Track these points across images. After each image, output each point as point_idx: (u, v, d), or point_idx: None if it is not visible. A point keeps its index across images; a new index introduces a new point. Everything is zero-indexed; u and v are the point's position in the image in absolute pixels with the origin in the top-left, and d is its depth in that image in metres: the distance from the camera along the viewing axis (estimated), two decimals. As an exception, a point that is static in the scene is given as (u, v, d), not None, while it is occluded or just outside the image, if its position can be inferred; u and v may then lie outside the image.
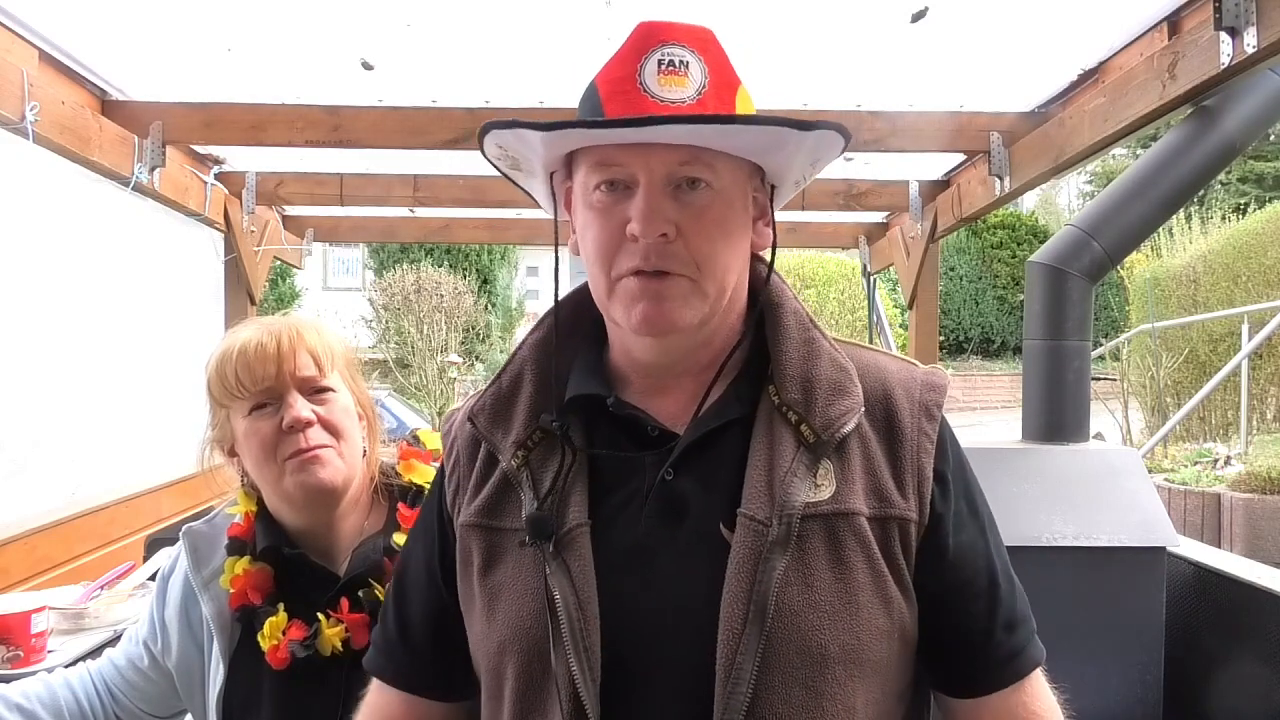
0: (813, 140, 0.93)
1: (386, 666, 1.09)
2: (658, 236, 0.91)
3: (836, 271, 11.91)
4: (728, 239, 0.95)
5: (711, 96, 0.92)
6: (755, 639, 0.86)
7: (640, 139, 0.91)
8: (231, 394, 1.34)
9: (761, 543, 0.89)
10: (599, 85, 0.95)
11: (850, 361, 0.99)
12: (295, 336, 1.35)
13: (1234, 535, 5.45)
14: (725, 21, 0.94)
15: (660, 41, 0.92)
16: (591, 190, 0.95)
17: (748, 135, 0.93)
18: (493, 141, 0.96)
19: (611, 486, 0.97)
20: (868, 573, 0.91)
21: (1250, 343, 7.46)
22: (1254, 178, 20.38)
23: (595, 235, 0.95)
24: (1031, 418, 2.87)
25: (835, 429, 0.93)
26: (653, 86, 0.91)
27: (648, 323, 0.93)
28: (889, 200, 4.30)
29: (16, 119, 2.36)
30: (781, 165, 0.99)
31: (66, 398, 4.11)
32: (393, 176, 4.12)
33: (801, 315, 1.02)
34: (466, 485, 1.04)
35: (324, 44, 2.67)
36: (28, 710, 1.39)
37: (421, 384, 13.35)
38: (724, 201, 0.94)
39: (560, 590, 0.91)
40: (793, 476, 0.91)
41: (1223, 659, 2.27)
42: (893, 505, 0.93)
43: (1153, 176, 2.76)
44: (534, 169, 1.01)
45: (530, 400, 1.02)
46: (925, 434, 0.97)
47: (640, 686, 0.90)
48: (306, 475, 1.33)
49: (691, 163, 0.92)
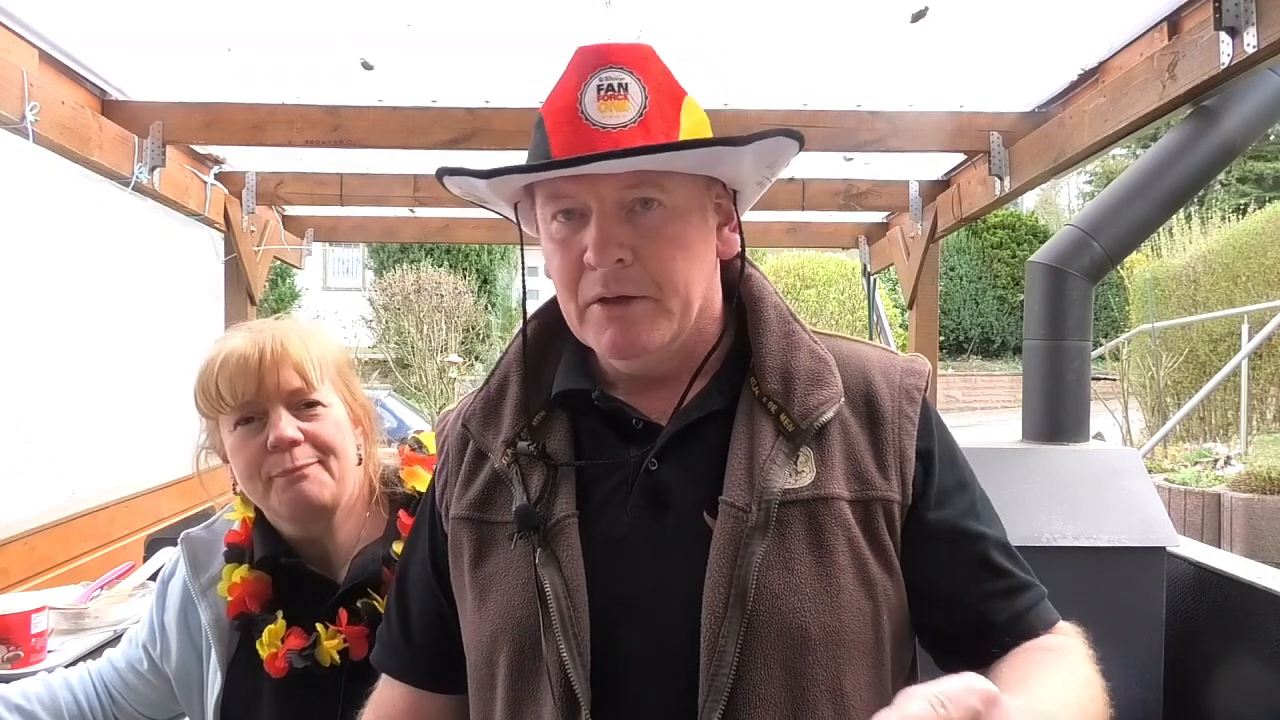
0: (754, 152, 0.94)
1: (391, 661, 1.12)
2: (613, 263, 0.93)
3: (836, 271, 11.92)
4: (687, 254, 0.97)
5: (654, 115, 0.93)
6: (737, 621, 0.89)
7: (582, 173, 0.93)
8: (215, 407, 1.32)
9: (742, 528, 0.91)
10: (545, 116, 0.96)
11: (830, 353, 1.02)
12: (279, 350, 1.30)
13: (1234, 535, 5.45)
14: (725, 21, 0.94)
15: (597, 67, 0.93)
16: (550, 220, 0.98)
17: (688, 155, 0.93)
18: (451, 185, 0.99)
19: (598, 478, 1.00)
20: (849, 556, 0.93)
21: (1250, 343, 7.46)
22: (1254, 178, 20.39)
23: (558, 266, 0.98)
24: (1031, 418, 2.87)
25: (814, 417, 0.96)
26: (593, 114, 0.92)
27: (616, 348, 0.97)
28: (889, 200, 4.29)
29: (16, 119, 2.35)
30: (732, 175, 1.00)
31: (66, 397, 4.12)
32: (393, 176, 4.11)
33: (782, 309, 1.05)
34: (455, 481, 1.07)
35: (324, 44, 2.66)
36: (27, 711, 1.39)
37: (421, 384, 13.36)
38: (679, 217, 0.96)
39: (550, 580, 0.93)
40: (772, 464, 0.93)
41: (1223, 659, 2.26)
42: (874, 488, 0.96)
43: (1153, 176, 2.77)
44: (497, 203, 1.04)
45: (517, 401, 1.05)
46: (906, 416, 0.99)
47: (628, 670, 0.92)
48: (293, 494, 1.30)
49: (640, 185, 0.93)
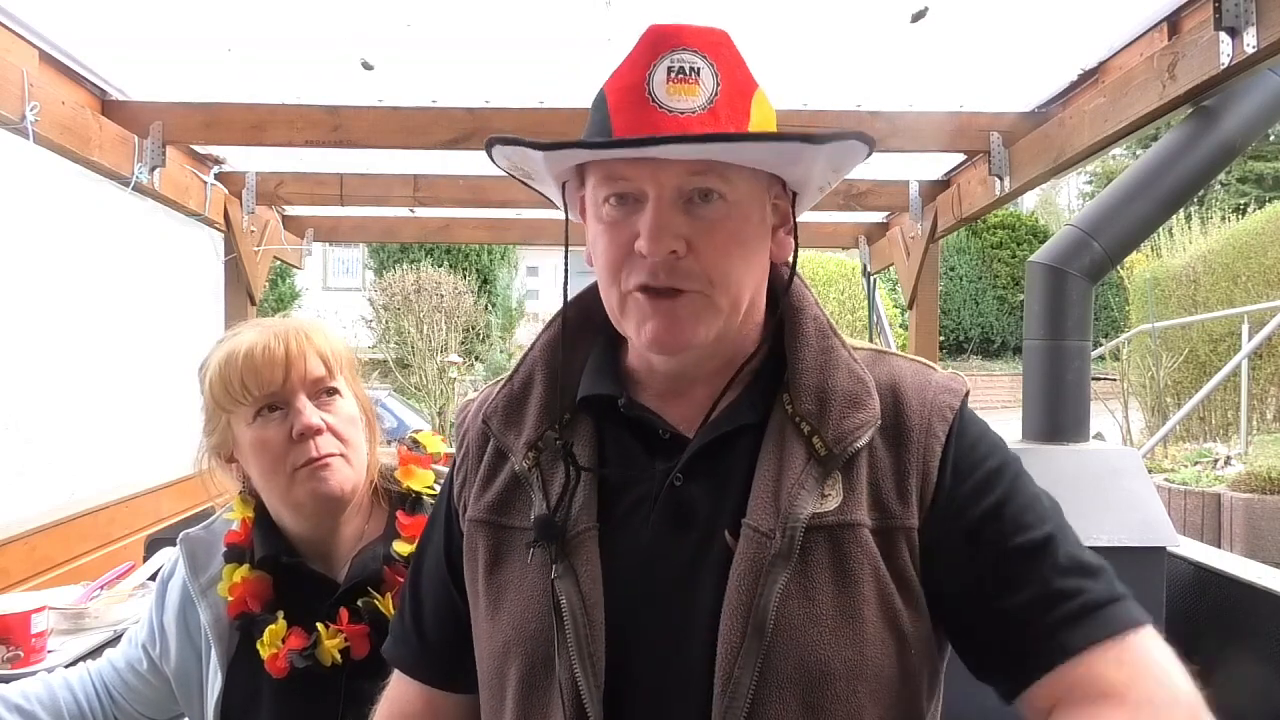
0: (828, 152, 0.90)
1: (403, 657, 1.10)
2: (667, 254, 0.88)
3: (836, 271, 11.90)
4: (743, 252, 0.92)
5: (724, 104, 0.88)
6: (754, 653, 0.84)
7: (647, 155, 0.87)
8: (236, 399, 1.32)
9: (764, 555, 0.87)
10: (607, 94, 0.91)
11: (868, 372, 0.95)
12: (304, 339, 1.34)
13: (1234, 535, 5.45)
14: (725, 21, 0.93)
15: (671, 47, 0.88)
16: (601, 203, 0.93)
17: (760, 149, 0.89)
18: (500, 155, 0.94)
19: (621, 489, 0.95)
20: (874, 586, 0.88)
21: (1250, 343, 7.46)
22: (1254, 178, 20.39)
23: (605, 249, 0.93)
24: (1031, 418, 2.87)
25: (848, 443, 0.90)
26: (661, 96, 0.87)
27: (658, 342, 0.91)
28: (889, 200, 4.29)
29: (16, 119, 2.35)
30: (800, 176, 0.95)
31: (66, 398, 4.11)
32: (393, 176, 4.11)
33: (822, 322, 0.99)
34: (474, 479, 1.03)
35: (324, 44, 2.66)
36: (27, 711, 1.39)
37: (421, 384, 13.35)
38: (739, 214, 0.91)
39: (566, 594, 0.89)
40: (800, 489, 0.88)
41: (1223, 659, 2.26)
42: (893, 517, 0.90)
43: (1153, 176, 2.76)
44: (545, 179, 0.99)
45: (541, 402, 1.00)
46: (934, 435, 0.92)
47: (642, 694, 0.88)
48: (318, 484, 1.31)
49: (704, 173, 0.88)
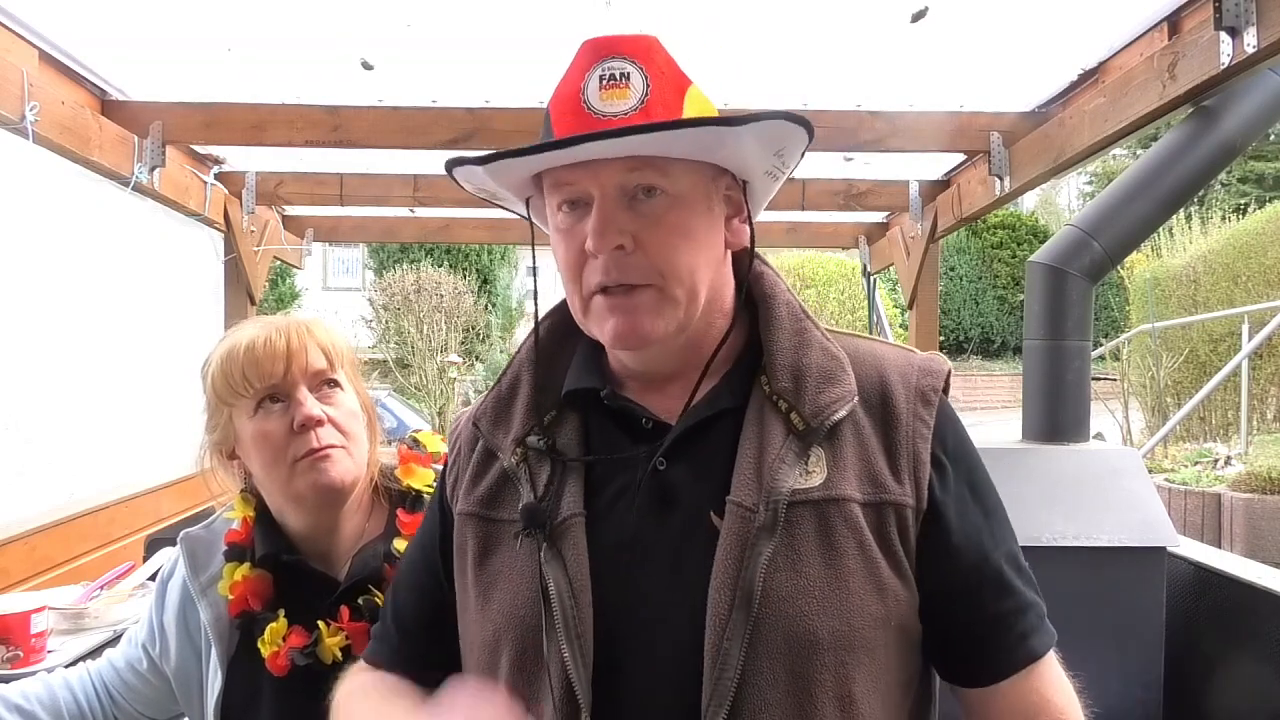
0: (755, 134, 0.92)
1: (381, 652, 1.12)
2: (613, 249, 0.93)
3: (836, 271, 11.90)
4: (690, 243, 0.95)
5: (656, 103, 0.93)
6: (742, 624, 0.87)
7: (578, 158, 0.92)
8: (237, 391, 1.32)
9: (749, 529, 0.90)
10: (549, 107, 0.96)
11: (843, 351, 1.00)
12: (305, 332, 1.35)
13: (1234, 535, 5.46)
14: (725, 21, 0.93)
15: (602, 57, 0.94)
16: (556, 211, 0.98)
17: (684, 138, 0.92)
18: (462, 179, 0.99)
19: (606, 478, 0.98)
20: (860, 559, 0.91)
21: (1250, 343, 7.46)
22: (1254, 178, 20.38)
23: (562, 255, 0.98)
24: (1031, 418, 2.87)
25: (825, 416, 0.94)
26: (595, 102, 0.92)
27: (620, 338, 0.96)
28: (889, 200, 4.29)
29: (16, 119, 2.35)
30: (737, 162, 0.99)
31: (66, 398, 4.11)
32: (393, 176, 4.12)
33: (794, 306, 1.03)
34: (464, 476, 1.07)
35: (324, 44, 2.67)
36: (27, 711, 1.39)
37: (421, 384, 13.35)
38: (683, 205, 0.95)
39: (554, 580, 0.92)
40: (781, 463, 0.92)
41: (1223, 659, 2.26)
42: (887, 491, 0.93)
43: (1153, 176, 2.76)
44: (508, 197, 1.04)
45: (528, 400, 1.04)
46: (921, 419, 0.97)
47: (631, 673, 0.91)
48: (318, 475, 1.31)
49: (642, 169, 0.92)
